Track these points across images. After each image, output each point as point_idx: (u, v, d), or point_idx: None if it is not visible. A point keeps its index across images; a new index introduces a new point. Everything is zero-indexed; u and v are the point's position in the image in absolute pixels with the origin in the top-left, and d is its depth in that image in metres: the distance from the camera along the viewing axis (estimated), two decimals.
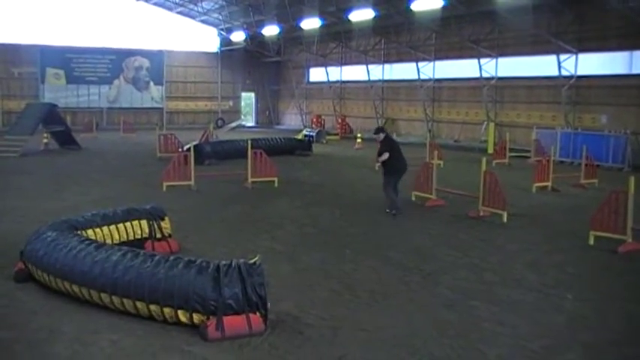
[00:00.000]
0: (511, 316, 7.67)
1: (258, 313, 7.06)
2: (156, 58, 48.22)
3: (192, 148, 18.44)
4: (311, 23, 38.08)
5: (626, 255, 10.76)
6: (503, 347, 6.75)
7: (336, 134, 40.97)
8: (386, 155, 13.95)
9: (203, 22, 49.32)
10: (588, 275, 9.66)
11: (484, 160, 14.24)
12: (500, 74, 34.01)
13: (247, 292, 7.00)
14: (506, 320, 7.51)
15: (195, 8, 46.44)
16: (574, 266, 10.08)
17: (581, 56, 29.56)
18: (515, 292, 8.63)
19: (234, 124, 42.10)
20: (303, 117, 50.36)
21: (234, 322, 6.89)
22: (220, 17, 47.39)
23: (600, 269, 10.04)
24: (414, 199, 15.85)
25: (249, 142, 19.32)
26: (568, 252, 11.04)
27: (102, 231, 9.43)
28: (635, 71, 27.60)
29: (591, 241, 11.46)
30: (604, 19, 27.83)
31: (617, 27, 27.20)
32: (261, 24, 42.78)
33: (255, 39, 47.19)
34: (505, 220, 13.31)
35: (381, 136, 14.48)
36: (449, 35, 35.73)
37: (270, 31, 42.82)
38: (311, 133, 35.44)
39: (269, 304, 7.10)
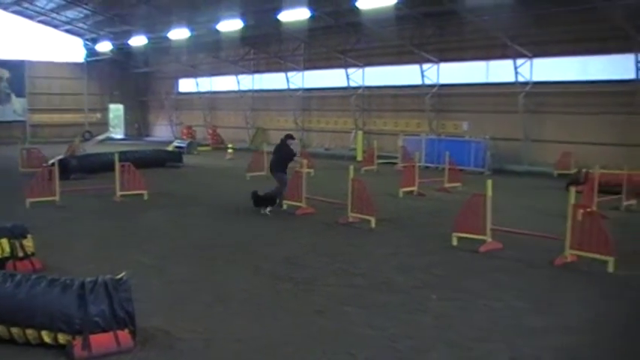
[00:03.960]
0: (380, 318, 7.88)
1: (126, 330, 6.90)
2: (16, 68, 46.11)
3: (56, 163, 17.78)
4: (180, 33, 37.48)
5: (487, 254, 11.34)
6: (373, 349, 6.93)
7: (208, 145, 40.70)
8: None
9: (67, 31, 47.70)
10: (452, 275, 10.06)
11: (352, 167, 14.56)
12: (367, 83, 34.89)
13: (114, 308, 6.83)
14: (375, 323, 7.71)
15: (58, 17, 44.83)
16: (439, 267, 10.49)
17: (443, 65, 30.84)
18: (383, 295, 8.88)
19: (101, 137, 41.00)
20: (174, 128, 49.70)
21: (101, 340, 6.70)
22: (85, 27, 46.03)
23: (463, 269, 10.48)
24: (285, 207, 15.98)
25: (117, 155, 18.85)
26: (433, 254, 11.48)
27: None
28: (491, 80, 29.09)
29: (455, 243, 11.98)
30: (462, 31, 29.17)
31: (475, 39, 28.62)
32: (129, 34, 41.73)
33: (122, 49, 46.12)
34: (374, 225, 13.65)
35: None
36: (317, 45, 36.32)
37: (138, 41, 41.73)
38: (182, 145, 35.10)
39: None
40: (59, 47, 48.44)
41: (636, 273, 10.25)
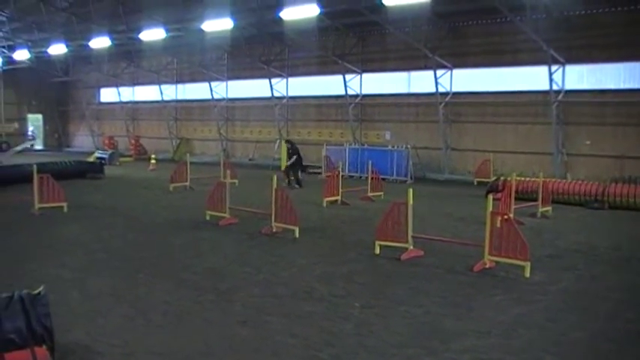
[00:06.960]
0: (302, 327, 7.91)
1: (44, 346, 6.72)
2: None
3: None
4: (100, 42, 36.84)
5: (408, 262, 11.54)
6: (295, 358, 6.95)
7: (130, 156, 40.11)
8: (294, 157, 24.19)
9: None
10: (374, 283, 10.18)
11: (275, 177, 14.59)
12: (291, 93, 35.04)
13: (31, 324, 6.63)
14: (298, 332, 7.74)
15: None
16: (361, 276, 10.60)
17: (365, 76, 31.26)
18: (306, 304, 8.92)
19: (19, 148, 39.85)
20: (95, 139, 48.75)
21: (17, 358, 6.50)
22: (1, 34, 44.63)
23: (385, 277, 10.62)
24: (208, 218, 15.88)
25: (35, 166, 18.37)
26: (356, 262, 11.60)
27: None
28: (413, 90, 29.64)
29: (377, 251, 12.15)
30: (384, 42, 29.74)
31: (396, 50, 29.20)
32: (48, 42, 40.68)
33: (41, 57, 44.92)
34: (297, 235, 13.72)
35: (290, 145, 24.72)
36: (240, 55, 36.29)
37: (57, 49, 40.73)
38: (103, 155, 34.50)
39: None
40: None
41: (551, 278, 10.60)
